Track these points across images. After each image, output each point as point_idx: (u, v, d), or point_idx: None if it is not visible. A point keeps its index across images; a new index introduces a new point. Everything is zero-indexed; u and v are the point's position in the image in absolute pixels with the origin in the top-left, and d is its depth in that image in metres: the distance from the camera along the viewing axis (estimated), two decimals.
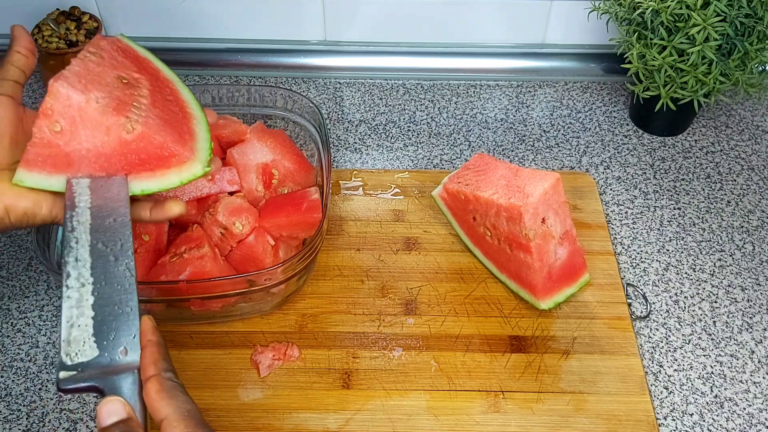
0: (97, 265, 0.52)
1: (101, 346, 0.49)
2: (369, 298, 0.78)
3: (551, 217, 0.73)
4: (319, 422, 0.68)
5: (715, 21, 0.77)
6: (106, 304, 0.50)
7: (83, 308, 0.50)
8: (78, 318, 0.50)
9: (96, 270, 0.52)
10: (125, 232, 0.54)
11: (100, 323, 0.50)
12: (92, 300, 0.51)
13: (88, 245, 0.53)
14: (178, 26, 1.03)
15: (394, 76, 1.05)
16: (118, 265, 0.52)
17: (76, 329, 0.49)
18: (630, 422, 0.68)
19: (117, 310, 0.50)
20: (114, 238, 0.54)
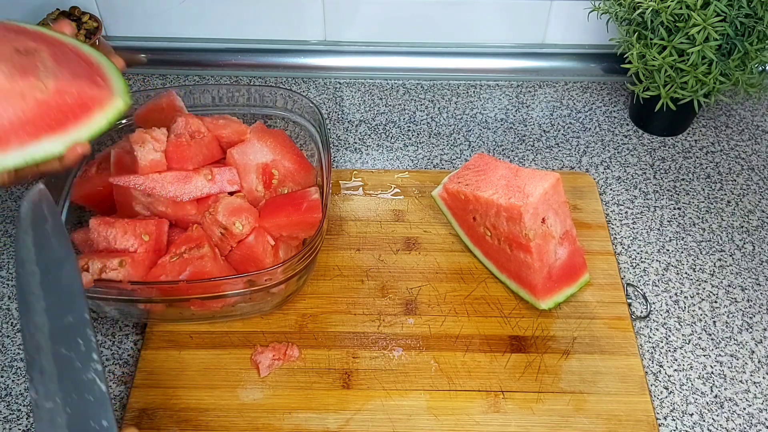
0: (64, 376, 0.49)
1: None
2: (369, 298, 0.78)
3: (551, 217, 0.73)
4: (319, 422, 0.68)
5: (715, 21, 0.77)
6: (80, 421, 0.47)
7: (57, 428, 0.47)
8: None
9: (63, 381, 0.49)
10: (86, 330, 0.50)
11: None
12: (65, 419, 0.47)
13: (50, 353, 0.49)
14: (178, 26, 1.03)
15: (394, 76, 1.05)
16: (84, 371, 0.49)
17: None
18: (630, 422, 0.68)
19: (94, 427, 0.47)
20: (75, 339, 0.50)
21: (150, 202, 0.74)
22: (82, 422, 0.47)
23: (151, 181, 0.72)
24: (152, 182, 0.72)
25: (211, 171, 0.76)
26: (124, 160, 0.75)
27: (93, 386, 0.48)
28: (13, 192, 0.89)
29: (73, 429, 0.47)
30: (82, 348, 0.50)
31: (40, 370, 0.49)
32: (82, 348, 0.50)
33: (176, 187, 0.73)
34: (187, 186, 0.73)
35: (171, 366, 0.72)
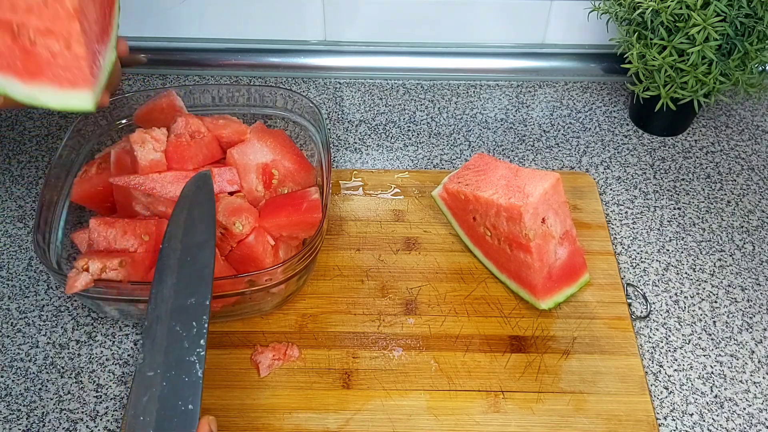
0: (171, 351, 0.52)
1: None
2: (369, 298, 0.78)
3: (551, 217, 0.73)
4: (319, 422, 0.68)
5: (715, 21, 0.77)
6: (171, 397, 0.50)
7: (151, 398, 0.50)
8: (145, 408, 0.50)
9: (169, 356, 0.52)
10: (202, 316, 0.54)
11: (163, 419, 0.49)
12: (159, 391, 0.50)
13: (167, 326, 0.53)
14: (178, 26, 1.03)
15: (394, 76, 1.05)
16: (189, 353, 0.52)
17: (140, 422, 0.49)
18: (630, 422, 0.68)
19: (179, 407, 0.50)
20: (190, 321, 0.53)
21: (150, 202, 0.74)
22: (173, 399, 0.50)
23: (151, 181, 0.72)
24: (152, 182, 0.72)
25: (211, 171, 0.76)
26: (124, 160, 0.75)
27: (192, 368, 0.51)
28: (13, 192, 0.89)
29: (163, 403, 0.50)
30: (194, 331, 0.53)
31: (153, 339, 0.53)
32: (194, 331, 0.53)
33: (176, 187, 0.73)
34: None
35: None
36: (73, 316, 0.77)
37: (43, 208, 0.72)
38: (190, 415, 0.49)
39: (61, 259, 0.73)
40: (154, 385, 0.51)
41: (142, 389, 0.51)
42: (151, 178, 0.72)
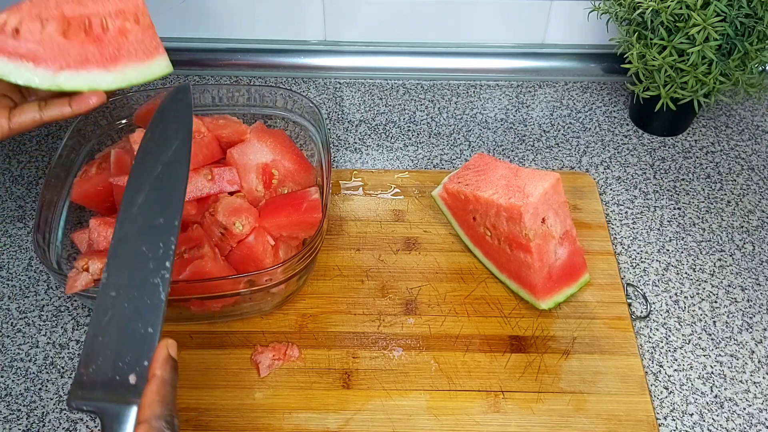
0: (136, 272, 0.50)
1: (115, 367, 0.47)
2: (369, 298, 0.78)
3: (551, 217, 0.73)
4: (319, 422, 0.68)
5: (715, 21, 0.77)
6: (133, 319, 0.49)
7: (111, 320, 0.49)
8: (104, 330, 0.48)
9: (133, 278, 0.50)
10: (170, 237, 0.51)
11: (121, 340, 0.48)
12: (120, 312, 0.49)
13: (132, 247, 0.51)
14: (178, 26, 1.03)
15: (394, 76, 1.05)
16: (153, 275, 0.50)
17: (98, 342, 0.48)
18: (630, 422, 0.68)
19: (140, 329, 0.48)
20: (157, 242, 0.51)
21: None
22: (133, 321, 0.48)
23: None
24: None
25: (211, 171, 0.76)
26: (124, 160, 0.75)
27: (155, 291, 0.49)
28: (13, 192, 0.89)
29: (122, 325, 0.48)
30: (160, 252, 0.51)
31: (117, 259, 0.51)
32: (160, 252, 0.51)
33: None
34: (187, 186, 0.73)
35: None
36: (73, 316, 0.77)
37: (43, 208, 0.72)
38: (150, 338, 0.47)
39: (61, 259, 0.73)
40: (115, 305, 0.49)
41: (103, 309, 0.49)
42: None
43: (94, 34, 0.59)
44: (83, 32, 0.58)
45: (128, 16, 0.60)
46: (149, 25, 0.62)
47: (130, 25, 0.60)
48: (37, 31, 0.57)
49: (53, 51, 0.57)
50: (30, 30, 0.56)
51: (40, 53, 0.57)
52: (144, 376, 0.46)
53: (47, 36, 0.57)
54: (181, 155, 0.55)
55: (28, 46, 0.56)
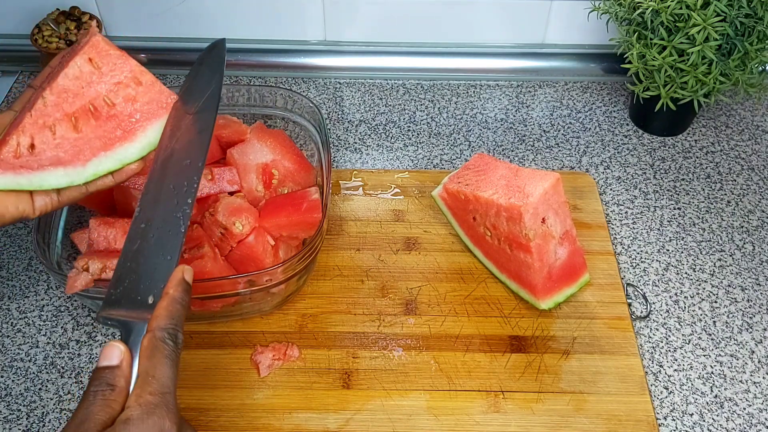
0: (163, 207, 0.55)
1: (138, 289, 0.51)
2: (369, 298, 0.78)
3: (551, 217, 0.73)
4: (319, 422, 0.68)
5: (715, 21, 0.77)
6: (156, 248, 0.53)
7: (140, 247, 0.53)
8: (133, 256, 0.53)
9: (159, 212, 0.55)
10: (194, 176, 0.57)
11: (145, 267, 0.52)
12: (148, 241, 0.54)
13: (161, 184, 0.57)
14: (178, 26, 1.03)
15: (394, 76, 1.05)
16: (177, 210, 0.55)
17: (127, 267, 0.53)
18: (630, 422, 0.68)
19: (161, 257, 0.53)
20: (182, 180, 0.57)
21: None
22: (156, 250, 0.53)
23: None
24: None
25: (211, 171, 0.76)
26: None
27: (177, 224, 0.55)
28: None
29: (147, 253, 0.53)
30: (184, 189, 0.56)
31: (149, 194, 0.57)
32: (184, 189, 0.56)
33: None
34: None
35: None
36: (73, 316, 0.77)
37: None
38: (168, 265, 0.52)
39: (61, 259, 0.73)
40: (143, 236, 0.54)
41: (132, 239, 0.54)
42: None
43: (104, 115, 0.60)
44: (92, 119, 0.59)
45: (129, 83, 0.61)
46: (153, 81, 0.62)
47: (133, 90, 0.61)
48: (51, 139, 0.58)
49: (74, 148, 0.58)
50: (43, 141, 0.57)
51: (62, 157, 0.58)
52: (159, 296, 0.50)
53: (61, 138, 0.58)
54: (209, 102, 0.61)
55: (47, 155, 0.57)
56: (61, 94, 0.59)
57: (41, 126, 0.58)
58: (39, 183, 0.57)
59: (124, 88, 0.61)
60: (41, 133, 0.58)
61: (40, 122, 0.58)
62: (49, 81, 0.60)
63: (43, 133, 0.58)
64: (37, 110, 0.58)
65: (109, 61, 0.60)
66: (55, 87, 0.59)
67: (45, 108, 0.58)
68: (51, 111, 0.58)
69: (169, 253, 0.53)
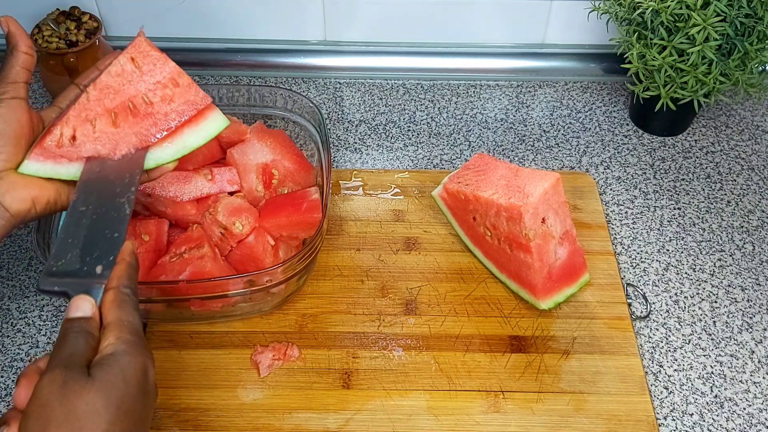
0: (103, 195, 0.58)
1: (83, 261, 0.54)
2: (369, 298, 0.78)
3: (551, 217, 0.73)
4: (319, 422, 0.68)
5: (715, 21, 0.77)
6: (101, 226, 0.56)
7: (80, 227, 0.56)
8: (73, 234, 0.55)
9: (101, 198, 0.58)
10: (135, 170, 0.59)
11: (89, 242, 0.55)
12: (89, 222, 0.56)
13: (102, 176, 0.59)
14: (178, 26, 1.03)
15: (394, 76, 1.05)
16: (119, 196, 0.58)
17: (67, 243, 0.55)
18: (630, 422, 0.68)
19: (107, 234, 0.55)
20: (124, 171, 0.59)
21: (150, 202, 0.74)
22: (100, 228, 0.56)
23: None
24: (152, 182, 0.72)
25: (211, 171, 0.76)
26: None
27: (121, 208, 0.57)
28: None
29: (91, 230, 0.56)
30: (126, 180, 0.59)
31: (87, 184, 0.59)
32: (126, 180, 0.59)
33: (176, 187, 0.73)
34: (187, 186, 0.73)
35: (171, 366, 0.72)
36: None
37: None
38: (116, 240, 0.55)
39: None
40: (84, 216, 0.57)
41: (72, 220, 0.56)
42: None
43: (142, 113, 0.62)
44: (131, 115, 0.62)
45: (167, 84, 0.63)
46: (190, 83, 0.64)
47: (170, 90, 0.63)
48: (90, 132, 0.61)
49: (111, 143, 0.61)
50: (84, 133, 0.60)
51: (100, 150, 0.61)
52: (110, 267, 0.53)
53: (100, 132, 0.61)
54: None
55: (87, 148, 0.60)
56: (103, 90, 0.61)
57: (83, 119, 0.60)
58: (76, 173, 0.60)
59: (162, 88, 0.63)
60: (83, 125, 0.60)
61: (83, 115, 0.60)
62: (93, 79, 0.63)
63: (85, 126, 0.60)
64: (80, 104, 0.61)
65: (149, 61, 0.63)
66: (98, 83, 0.61)
67: (88, 102, 0.61)
68: (93, 105, 0.61)
69: (116, 231, 0.55)
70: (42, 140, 0.59)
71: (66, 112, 0.61)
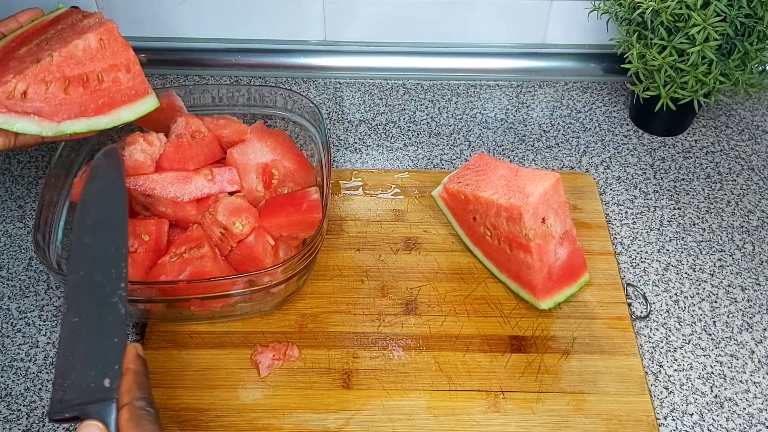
0: (94, 297, 0.56)
1: (89, 377, 0.51)
2: (369, 298, 0.78)
3: (551, 217, 0.73)
4: (319, 422, 0.68)
5: (715, 21, 0.77)
6: (98, 334, 0.54)
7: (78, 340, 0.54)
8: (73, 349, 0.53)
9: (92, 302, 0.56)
10: (120, 263, 0.58)
11: (90, 355, 0.53)
12: (85, 332, 0.54)
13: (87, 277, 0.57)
14: (178, 26, 1.03)
15: (394, 76, 1.05)
16: (110, 296, 0.56)
17: (69, 361, 0.52)
18: (630, 422, 0.68)
19: (107, 342, 0.53)
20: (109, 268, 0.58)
21: (150, 202, 0.74)
22: (99, 337, 0.54)
23: (151, 182, 0.72)
24: (152, 183, 0.72)
25: (211, 171, 0.76)
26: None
27: (114, 308, 0.55)
28: (13, 192, 0.89)
29: (90, 341, 0.54)
30: (113, 276, 0.57)
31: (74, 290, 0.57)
32: (113, 276, 0.57)
33: (177, 187, 0.73)
34: (187, 186, 0.73)
35: (171, 366, 0.72)
36: None
37: (43, 208, 0.72)
38: (117, 346, 0.53)
39: (61, 259, 0.73)
40: (79, 328, 0.54)
41: (68, 334, 0.54)
42: (151, 179, 0.72)
43: (91, 88, 0.68)
44: (81, 87, 0.67)
45: (120, 68, 0.70)
46: (139, 72, 0.71)
47: (122, 75, 0.70)
48: (42, 92, 0.65)
49: (56, 106, 0.66)
50: (36, 92, 0.65)
51: (44, 110, 0.65)
52: (117, 377, 0.51)
53: (50, 94, 0.66)
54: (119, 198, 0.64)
55: (34, 105, 0.65)
56: (67, 59, 0.66)
57: (40, 80, 0.65)
58: (13, 124, 0.64)
59: (116, 71, 0.69)
60: (37, 85, 0.65)
61: (41, 76, 0.65)
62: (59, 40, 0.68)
63: (39, 86, 0.65)
64: (42, 65, 0.65)
65: (114, 45, 0.70)
66: (64, 51, 0.66)
67: (50, 66, 0.65)
68: (53, 69, 0.66)
69: (115, 336, 0.54)
70: None
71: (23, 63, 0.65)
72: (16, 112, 0.64)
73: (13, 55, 0.67)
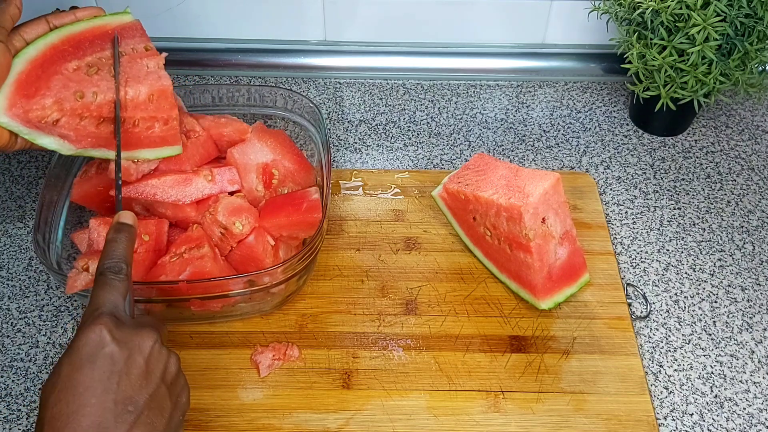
0: None
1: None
2: (369, 298, 0.78)
3: (551, 217, 0.73)
4: (319, 422, 0.68)
5: (715, 21, 0.77)
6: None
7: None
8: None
9: None
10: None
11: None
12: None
13: None
14: (178, 26, 1.03)
15: (394, 76, 1.05)
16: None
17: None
18: (630, 422, 0.68)
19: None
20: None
21: (150, 203, 0.74)
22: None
23: (151, 187, 0.72)
24: (153, 188, 0.72)
25: (211, 171, 0.75)
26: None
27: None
28: (13, 192, 0.89)
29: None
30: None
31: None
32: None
33: (177, 190, 0.73)
34: (188, 188, 0.73)
35: None
36: (73, 316, 0.77)
37: (43, 208, 0.72)
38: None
39: (61, 259, 0.73)
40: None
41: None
42: (151, 183, 0.72)
43: (123, 129, 0.68)
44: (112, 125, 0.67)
45: (159, 120, 0.70)
46: (175, 126, 0.71)
47: (158, 125, 0.70)
48: (74, 124, 0.66)
49: (83, 136, 0.66)
50: (69, 123, 0.65)
51: (70, 137, 0.66)
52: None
53: (81, 126, 0.66)
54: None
55: (62, 131, 0.65)
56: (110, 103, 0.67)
57: (77, 114, 0.65)
58: (35, 139, 0.64)
59: (153, 121, 0.70)
60: (72, 118, 0.65)
61: (78, 111, 0.65)
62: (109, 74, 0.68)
63: (73, 119, 0.65)
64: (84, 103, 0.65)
65: (162, 103, 0.70)
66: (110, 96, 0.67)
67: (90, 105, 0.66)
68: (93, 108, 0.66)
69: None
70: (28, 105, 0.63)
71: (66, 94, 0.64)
72: (42, 131, 0.64)
73: (61, 68, 0.65)
